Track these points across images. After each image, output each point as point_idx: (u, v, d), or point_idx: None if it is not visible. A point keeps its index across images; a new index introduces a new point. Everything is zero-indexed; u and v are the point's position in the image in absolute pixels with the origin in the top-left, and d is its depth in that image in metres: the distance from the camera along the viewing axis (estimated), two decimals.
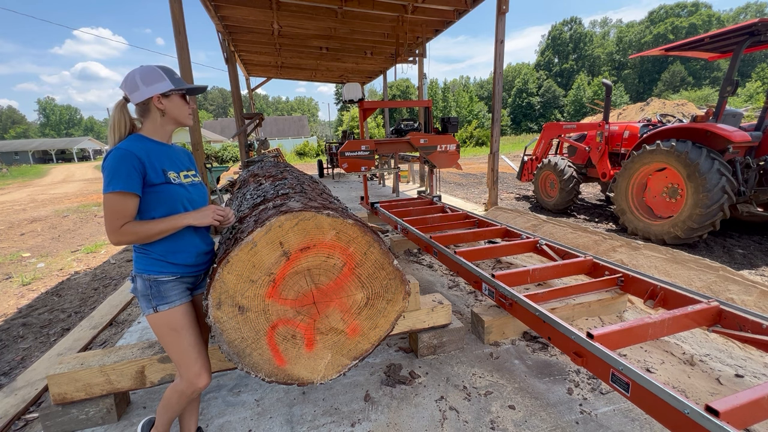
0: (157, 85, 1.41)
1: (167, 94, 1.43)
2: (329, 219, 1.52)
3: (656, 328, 1.86)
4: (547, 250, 3.20)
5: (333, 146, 13.56)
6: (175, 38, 4.79)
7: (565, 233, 4.98)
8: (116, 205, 1.31)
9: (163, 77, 1.43)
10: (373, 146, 4.94)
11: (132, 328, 2.97)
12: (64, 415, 1.84)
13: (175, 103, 1.47)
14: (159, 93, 1.41)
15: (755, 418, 1.32)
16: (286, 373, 1.59)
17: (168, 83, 1.43)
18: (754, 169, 4.52)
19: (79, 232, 7.20)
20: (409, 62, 10.55)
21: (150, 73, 1.42)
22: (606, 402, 1.93)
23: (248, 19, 7.61)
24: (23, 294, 4.10)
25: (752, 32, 4.26)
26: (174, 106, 1.47)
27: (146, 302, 1.42)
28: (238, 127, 9.52)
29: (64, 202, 11.63)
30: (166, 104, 1.45)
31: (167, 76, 1.44)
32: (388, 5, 7.18)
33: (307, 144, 32.47)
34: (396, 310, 1.74)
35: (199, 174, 1.64)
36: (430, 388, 2.09)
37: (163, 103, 1.44)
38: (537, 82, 59.99)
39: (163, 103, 1.44)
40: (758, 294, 2.96)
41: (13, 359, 2.80)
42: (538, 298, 2.33)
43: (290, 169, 3.26)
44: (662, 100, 17.69)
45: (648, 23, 60.15)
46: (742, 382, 2.06)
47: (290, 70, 12.93)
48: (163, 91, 1.42)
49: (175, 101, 1.47)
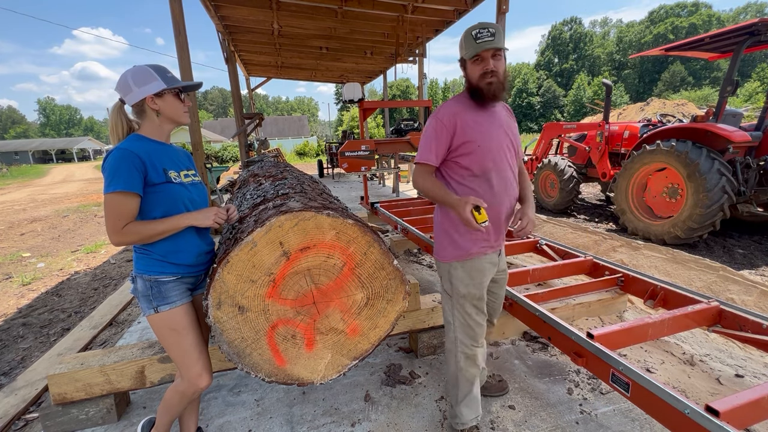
0: (149, 86, 1.38)
1: (160, 93, 1.41)
2: (329, 219, 1.52)
3: (656, 328, 1.86)
4: (547, 250, 3.19)
5: (333, 146, 13.57)
6: (175, 38, 4.78)
7: (565, 233, 4.98)
8: (118, 204, 1.30)
9: (154, 77, 1.39)
10: (373, 146, 4.94)
11: (132, 328, 2.97)
12: (64, 415, 1.84)
13: (169, 103, 1.44)
14: (151, 93, 1.39)
15: (755, 418, 1.32)
16: (286, 373, 1.59)
17: (159, 83, 1.40)
18: (754, 169, 4.52)
19: (79, 232, 7.19)
20: (409, 62, 10.55)
21: (141, 74, 1.39)
22: (606, 402, 1.93)
23: (248, 19, 7.61)
24: (23, 294, 4.10)
25: (752, 32, 4.27)
26: (168, 106, 1.44)
27: (147, 303, 1.42)
28: (238, 127, 9.52)
29: (64, 202, 11.63)
30: (160, 104, 1.42)
31: (159, 75, 1.40)
32: (388, 5, 7.18)
33: (307, 144, 32.45)
34: (396, 310, 1.74)
35: (198, 174, 1.63)
36: (430, 388, 2.09)
37: (156, 103, 1.41)
38: (537, 82, 60.01)
39: (157, 103, 1.42)
40: (758, 294, 2.96)
41: (13, 359, 2.80)
42: (538, 298, 2.33)
43: (290, 169, 3.26)
44: (662, 100, 17.69)
45: (648, 23, 60.17)
46: (742, 382, 2.06)
47: (290, 70, 12.93)
48: (155, 91, 1.39)
49: (168, 100, 1.44)
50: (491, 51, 1.47)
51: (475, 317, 1.66)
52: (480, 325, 1.67)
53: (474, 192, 1.57)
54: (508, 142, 1.62)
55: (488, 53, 1.47)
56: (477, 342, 1.67)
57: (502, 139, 1.60)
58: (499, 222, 1.63)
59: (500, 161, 1.58)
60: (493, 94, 1.52)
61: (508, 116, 1.69)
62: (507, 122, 1.65)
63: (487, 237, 1.61)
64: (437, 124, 1.57)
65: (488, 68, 1.48)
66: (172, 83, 1.43)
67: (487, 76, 1.49)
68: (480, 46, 1.45)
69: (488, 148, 1.55)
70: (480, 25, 1.46)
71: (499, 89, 1.52)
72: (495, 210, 1.59)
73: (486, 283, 1.66)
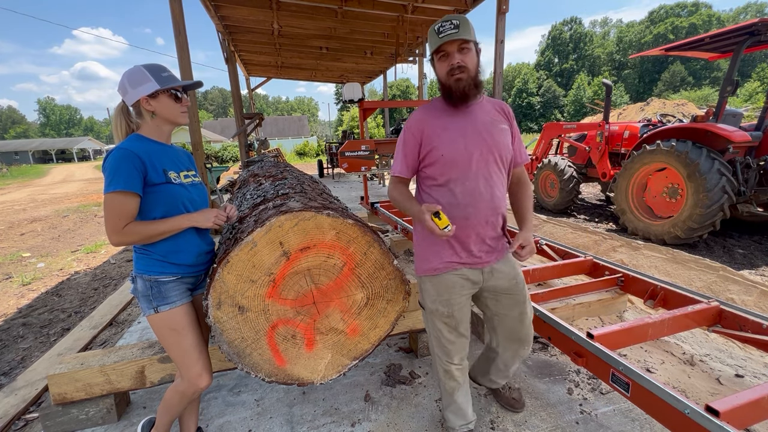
0: (142, 87, 1.36)
1: (154, 94, 1.38)
2: (329, 219, 1.52)
3: (656, 328, 1.86)
4: (547, 250, 3.20)
5: (333, 146, 13.57)
6: (175, 38, 4.78)
7: (565, 233, 4.98)
8: (118, 204, 1.30)
9: (148, 78, 1.37)
10: (373, 146, 4.94)
11: (132, 328, 2.97)
12: (64, 415, 1.84)
13: (164, 103, 1.41)
14: (145, 95, 1.37)
15: (755, 418, 1.32)
16: (286, 373, 1.59)
17: (153, 84, 1.37)
18: (754, 169, 4.53)
19: (79, 232, 7.19)
20: (409, 62, 10.55)
21: (135, 75, 1.37)
22: (606, 402, 1.93)
23: (248, 19, 7.61)
24: (23, 294, 4.10)
25: (752, 32, 4.27)
26: (163, 107, 1.41)
27: (147, 303, 1.41)
28: (238, 127, 9.52)
29: (64, 202, 11.63)
30: (155, 105, 1.40)
31: (153, 75, 1.37)
32: (388, 5, 7.18)
33: (307, 144, 32.45)
34: (396, 310, 1.74)
35: (198, 174, 1.63)
36: (430, 388, 2.09)
37: (151, 104, 1.39)
38: (537, 82, 60.04)
39: (152, 104, 1.39)
40: (758, 294, 2.96)
41: (13, 359, 2.80)
42: (538, 298, 2.33)
43: (290, 169, 3.26)
44: (662, 100, 17.70)
45: (648, 23, 60.17)
46: (742, 382, 2.06)
47: (290, 70, 12.93)
48: (149, 93, 1.37)
49: (163, 101, 1.40)
50: (456, 44, 1.36)
51: (447, 335, 1.56)
52: (452, 342, 1.56)
53: (436, 203, 1.46)
54: (485, 148, 1.44)
55: (452, 47, 1.36)
56: (451, 359, 1.58)
57: (474, 145, 1.43)
58: (466, 236, 1.47)
59: (467, 169, 1.43)
60: (463, 91, 1.39)
61: (495, 117, 1.50)
62: (488, 125, 1.46)
63: (455, 252, 1.48)
64: (405, 134, 1.52)
65: (454, 63, 1.37)
66: (167, 83, 1.40)
67: (454, 72, 1.37)
68: (441, 40, 1.34)
69: (452, 157, 1.43)
70: (444, 19, 1.36)
71: (470, 86, 1.39)
72: (460, 223, 1.44)
73: (458, 301, 1.52)
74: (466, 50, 1.37)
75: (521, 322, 1.62)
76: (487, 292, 1.58)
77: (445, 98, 1.47)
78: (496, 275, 1.54)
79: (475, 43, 1.40)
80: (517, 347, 1.68)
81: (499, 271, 1.54)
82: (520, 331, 1.63)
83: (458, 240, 1.48)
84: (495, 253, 1.53)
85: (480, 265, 1.51)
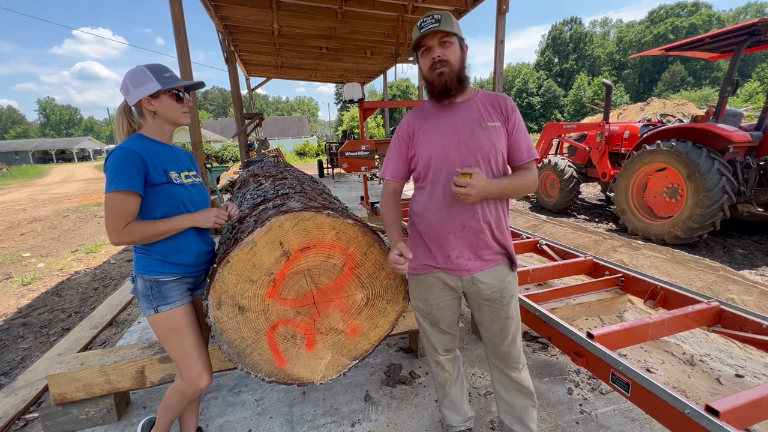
0: (144, 87, 1.37)
1: (155, 95, 1.39)
2: (329, 219, 1.52)
3: (656, 328, 1.86)
4: (548, 250, 3.19)
5: (333, 146, 13.57)
6: (175, 38, 4.79)
7: (565, 233, 4.98)
8: (119, 204, 1.30)
9: (149, 78, 1.37)
10: (373, 146, 4.94)
11: (132, 328, 2.97)
12: (64, 415, 1.84)
13: (165, 104, 1.41)
14: (146, 95, 1.37)
15: (755, 418, 1.32)
16: (286, 373, 1.59)
17: (154, 84, 1.37)
18: (754, 169, 4.53)
19: (79, 232, 7.19)
20: (409, 62, 10.56)
21: (137, 75, 1.38)
22: (606, 402, 1.93)
23: (248, 19, 7.61)
24: (23, 294, 4.10)
25: (752, 32, 4.27)
26: (164, 107, 1.41)
27: (147, 303, 1.42)
28: (238, 127, 9.52)
29: (64, 202, 11.63)
30: (156, 105, 1.40)
31: (154, 76, 1.37)
32: (388, 5, 7.18)
33: (307, 144, 32.44)
34: (396, 310, 1.74)
35: (199, 174, 1.63)
36: (430, 388, 2.09)
37: (152, 104, 1.39)
38: (537, 82, 60.05)
39: (153, 105, 1.40)
40: (758, 294, 2.96)
41: (13, 359, 2.80)
42: (538, 298, 2.33)
43: (290, 169, 3.26)
44: (662, 100, 17.70)
45: (648, 23, 60.17)
46: (742, 382, 2.06)
47: (290, 70, 12.94)
48: (150, 93, 1.37)
49: (164, 101, 1.41)
50: (437, 37, 1.32)
51: (428, 329, 1.58)
52: (436, 336, 1.59)
53: (416, 204, 1.47)
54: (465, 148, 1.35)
55: (433, 40, 1.33)
56: (438, 350, 1.61)
57: (452, 146, 1.35)
58: (441, 240, 1.41)
59: (442, 172, 1.37)
60: (445, 85, 1.33)
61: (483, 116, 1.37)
62: (470, 124, 1.36)
63: (431, 255, 1.45)
64: (395, 137, 1.50)
65: (435, 57, 1.32)
66: (169, 83, 1.40)
67: (435, 66, 1.32)
68: (422, 33, 1.31)
69: (429, 159, 1.38)
70: (426, 14, 1.34)
71: (452, 80, 1.33)
72: (434, 228, 1.40)
73: (437, 301, 1.50)
74: (447, 44, 1.33)
75: (501, 339, 1.48)
76: (470, 299, 1.51)
77: (429, 96, 1.43)
78: (477, 284, 1.43)
79: (459, 37, 1.36)
80: (503, 366, 1.53)
81: (481, 281, 1.42)
82: (499, 346, 1.50)
83: (435, 243, 1.43)
84: (479, 262, 1.42)
85: (459, 272, 1.42)
